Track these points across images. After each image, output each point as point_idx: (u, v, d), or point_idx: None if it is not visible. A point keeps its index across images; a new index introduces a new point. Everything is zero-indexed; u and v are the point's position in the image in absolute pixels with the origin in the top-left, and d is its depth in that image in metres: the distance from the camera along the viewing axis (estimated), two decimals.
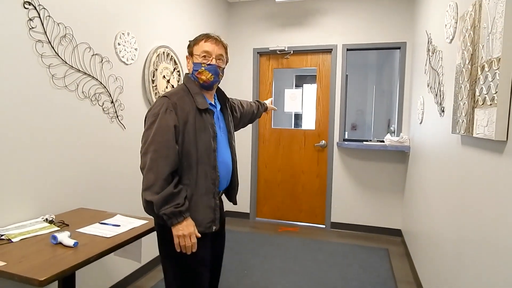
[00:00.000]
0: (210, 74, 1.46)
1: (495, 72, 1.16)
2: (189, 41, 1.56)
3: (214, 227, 1.43)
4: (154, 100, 2.59)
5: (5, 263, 1.16)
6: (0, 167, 1.52)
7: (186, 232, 1.30)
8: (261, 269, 2.77)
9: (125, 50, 2.30)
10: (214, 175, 1.42)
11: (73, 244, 1.31)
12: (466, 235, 1.52)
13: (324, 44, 3.73)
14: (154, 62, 2.58)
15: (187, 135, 1.37)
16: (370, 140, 3.65)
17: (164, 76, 2.72)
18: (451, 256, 1.73)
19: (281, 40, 3.88)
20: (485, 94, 1.25)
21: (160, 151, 1.30)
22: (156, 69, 2.62)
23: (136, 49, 2.41)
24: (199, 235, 1.35)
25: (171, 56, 2.81)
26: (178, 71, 2.93)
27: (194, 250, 1.34)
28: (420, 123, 2.72)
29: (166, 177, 1.28)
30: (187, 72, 1.54)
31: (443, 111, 2.02)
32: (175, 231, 1.30)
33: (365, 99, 5.25)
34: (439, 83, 2.13)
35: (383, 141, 3.56)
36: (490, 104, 1.19)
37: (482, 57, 1.30)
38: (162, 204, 1.26)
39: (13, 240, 1.37)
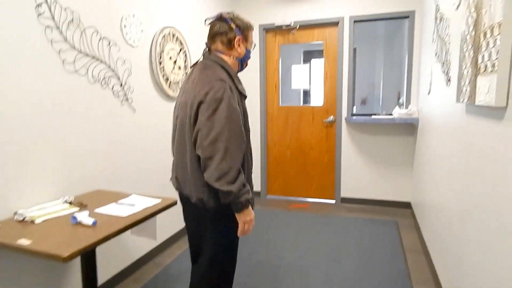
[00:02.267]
0: None
1: (496, 38, 1.16)
2: (239, 23, 1.42)
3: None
4: (162, 82, 2.64)
5: (31, 241, 1.26)
6: (21, 153, 1.61)
7: (250, 218, 1.33)
8: (274, 244, 2.88)
9: (131, 32, 2.33)
10: (251, 161, 1.49)
11: (92, 223, 1.40)
12: (469, 200, 1.55)
13: (331, 17, 3.67)
14: (160, 43, 2.61)
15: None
16: (379, 114, 3.64)
17: (170, 57, 2.75)
18: (455, 222, 1.78)
19: (287, 15, 3.83)
20: (487, 61, 1.25)
21: (233, 139, 1.24)
22: (163, 51, 2.65)
23: (142, 31, 2.43)
24: None
25: (177, 36, 2.83)
26: (184, 52, 2.96)
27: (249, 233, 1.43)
28: (428, 93, 2.70)
29: (240, 166, 1.26)
30: (220, 52, 1.42)
31: (449, 80, 2.00)
32: (243, 216, 1.31)
33: (374, 73, 5.17)
34: (446, 51, 2.10)
35: (391, 114, 3.55)
36: (491, 71, 1.20)
37: (484, 23, 1.30)
38: (238, 193, 1.25)
39: (36, 221, 1.46)
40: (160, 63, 2.62)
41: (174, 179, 1.51)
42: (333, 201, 3.98)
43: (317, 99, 4.07)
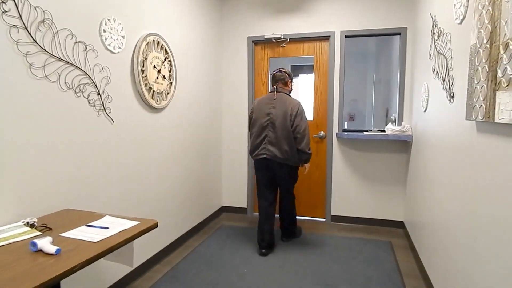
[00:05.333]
0: None
1: None
2: (289, 72, 3.06)
3: None
4: (145, 91, 2.44)
5: None
6: None
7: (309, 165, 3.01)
8: (261, 266, 2.66)
9: (111, 37, 2.14)
10: None
11: (55, 252, 1.18)
12: (479, 226, 1.41)
13: (322, 31, 3.59)
14: (143, 51, 2.42)
15: None
16: (370, 130, 3.54)
17: (154, 66, 2.57)
18: (461, 248, 1.63)
19: (277, 28, 3.73)
20: (510, 74, 1.12)
21: (308, 131, 2.85)
22: (146, 59, 2.46)
23: (123, 37, 2.25)
24: None
25: (162, 44, 2.66)
26: (170, 61, 2.78)
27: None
28: (425, 110, 2.61)
29: None
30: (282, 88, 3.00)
31: (452, 97, 1.90)
32: (308, 165, 2.98)
33: (361, 88, 5.13)
34: (447, 67, 2.00)
35: (383, 131, 3.46)
36: None
37: (505, 34, 1.18)
38: (310, 155, 2.86)
39: None
40: (143, 71, 2.43)
41: (273, 152, 2.79)
42: (323, 219, 3.82)
43: (307, 114, 3.93)
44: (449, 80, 1.97)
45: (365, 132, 3.43)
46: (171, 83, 2.81)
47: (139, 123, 2.45)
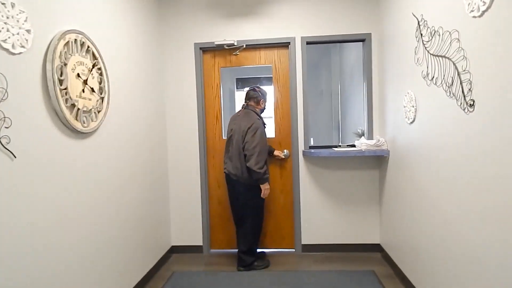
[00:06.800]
0: None
1: None
2: (262, 91, 2.97)
3: None
4: (64, 110, 1.71)
5: None
6: None
7: (267, 188, 2.77)
8: None
9: (8, 30, 1.41)
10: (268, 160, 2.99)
11: None
12: (503, 255, 1.05)
13: (280, 37, 3.19)
14: (61, 52, 1.71)
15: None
16: (339, 146, 3.20)
17: (78, 75, 1.85)
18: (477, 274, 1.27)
19: (229, 33, 3.23)
20: None
21: (262, 148, 2.71)
22: (66, 64, 1.75)
23: (29, 31, 1.52)
24: None
25: (88, 46, 1.96)
26: (100, 69, 2.08)
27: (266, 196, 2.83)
28: (411, 122, 2.31)
29: (264, 162, 2.73)
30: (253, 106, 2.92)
31: (471, 105, 1.58)
32: (266, 186, 2.75)
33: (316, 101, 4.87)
34: (457, 71, 1.70)
35: (353, 145, 3.14)
36: None
37: None
38: (263, 174, 2.68)
39: None
40: (61, 82, 1.71)
41: (229, 168, 2.83)
42: (293, 250, 3.33)
43: (267, 131, 3.47)
44: (461, 85, 1.66)
45: (334, 149, 3.08)
46: (102, 98, 2.10)
47: (57, 154, 1.70)
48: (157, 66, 3.13)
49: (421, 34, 2.11)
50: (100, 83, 2.08)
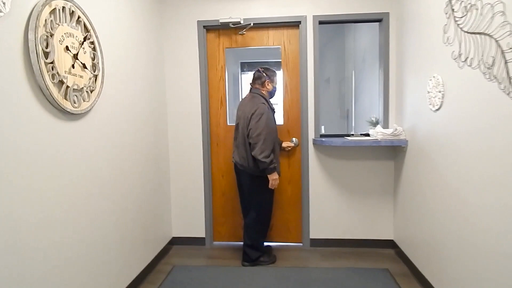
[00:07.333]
0: None
1: None
2: (267, 73, 2.68)
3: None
4: (51, 86, 1.51)
5: None
6: None
7: (275, 178, 2.53)
8: None
9: None
10: (279, 149, 2.83)
11: None
12: None
13: (290, 15, 2.94)
14: (46, 21, 1.49)
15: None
16: (353, 135, 2.99)
17: (67, 48, 1.64)
18: None
19: (235, 11, 2.99)
20: None
21: (268, 135, 2.48)
22: (52, 35, 1.53)
23: None
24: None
25: (79, 16, 1.74)
26: (93, 43, 1.86)
27: (276, 187, 2.60)
28: (437, 109, 2.10)
29: (271, 150, 2.49)
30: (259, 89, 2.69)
31: None
32: (273, 176, 2.52)
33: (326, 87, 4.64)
34: (500, 49, 1.47)
35: (367, 135, 2.93)
36: None
37: None
38: (269, 163, 2.45)
39: None
40: (47, 54, 1.50)
41: (236, 157, 2.66)
42: (300, 244, 3.16)
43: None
44: (506, 66, 1.44)
45: (348, 138, 2.86)
46: (95, 76, 1.89)
47: (44, 139, 1.50)
48: (157, 45, 2.90)
49: (453, 10, 1.87)
50: (93, 59, 1.86)
